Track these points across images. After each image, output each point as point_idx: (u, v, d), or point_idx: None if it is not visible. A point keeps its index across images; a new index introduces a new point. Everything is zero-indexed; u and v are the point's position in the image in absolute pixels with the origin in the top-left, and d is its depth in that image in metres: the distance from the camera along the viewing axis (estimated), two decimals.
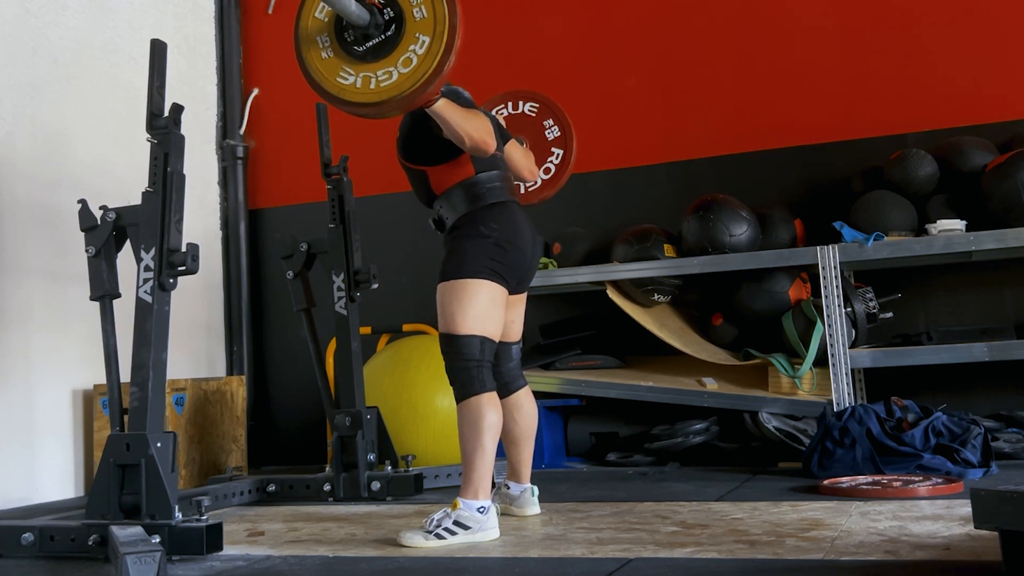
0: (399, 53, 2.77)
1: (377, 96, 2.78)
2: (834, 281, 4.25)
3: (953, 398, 4.36)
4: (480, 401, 2.94)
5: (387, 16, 2.79)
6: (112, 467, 2.87)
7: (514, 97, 3.87)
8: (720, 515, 3.05)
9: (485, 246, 3.05)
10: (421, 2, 2.76)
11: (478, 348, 2.98)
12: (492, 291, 3.04)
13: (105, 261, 3.10)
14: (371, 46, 2.80)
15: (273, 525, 3.38)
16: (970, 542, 2.41)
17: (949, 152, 4.42)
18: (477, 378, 2.96)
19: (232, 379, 5.01)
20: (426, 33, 2.75)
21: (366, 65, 2.80)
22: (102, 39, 5.04)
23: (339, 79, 2.83)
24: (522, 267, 3.15)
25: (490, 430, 2.93)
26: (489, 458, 2.93)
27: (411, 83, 2.74)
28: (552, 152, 3.82)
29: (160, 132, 3.02)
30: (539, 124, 3.83)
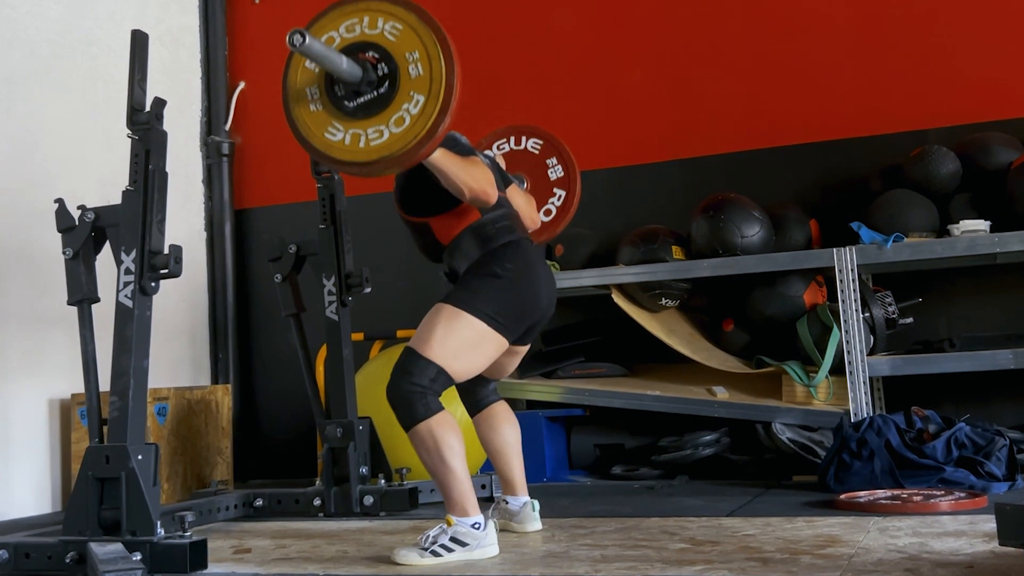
0: (392, 111, 2.73)
1: (366, 156, 2.74)
2: (851, 285, 4.25)
3: (977, 408, 4.36)
4: (429, 427, 2.88)
5: (381, 72, 2.75)
6: (91, 481, 2.87)
7: (517, 132, 3.86)
8: (731, 531, 3.05)
9: (496, 287, 3.01)
10: (418, 59, 2.73)
11: (430, 377, 2.90)
12: (484, 336, 2.98)
13: (83, 264, 3.10)
14: (362, 102, 2.76)
15: (260, 542, 3.37)
16: (994, 560, 2.41)
17: (972, 149, 4.43)
18: (420, 403, 2.88)
19: (217, 388, 5.01)
20: (421, 92, 2.72)
21: (356, 122, 2.76)
22: (81, 30, 5.05)
23: (327, 134, 2.79)
24: (533, 314, 3.11)
25: (451, 451, 2.88)
26: (462, 477, 2.89)
27: (402, 144, 2.71)
28: (554, 193, 3.80)
29: (141, 128, 3.02)
30: (542, 162, 3.82)
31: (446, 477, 2.89)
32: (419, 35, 2.75)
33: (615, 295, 4.70)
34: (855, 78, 4.91)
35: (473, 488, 2.93)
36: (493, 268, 3.03)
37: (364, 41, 2.79)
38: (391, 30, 2.77)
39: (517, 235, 3.14)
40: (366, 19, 2.81)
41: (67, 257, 3.10)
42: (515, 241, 3.12)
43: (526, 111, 5.42)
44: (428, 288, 3.12)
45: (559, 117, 5.37)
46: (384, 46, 2.77)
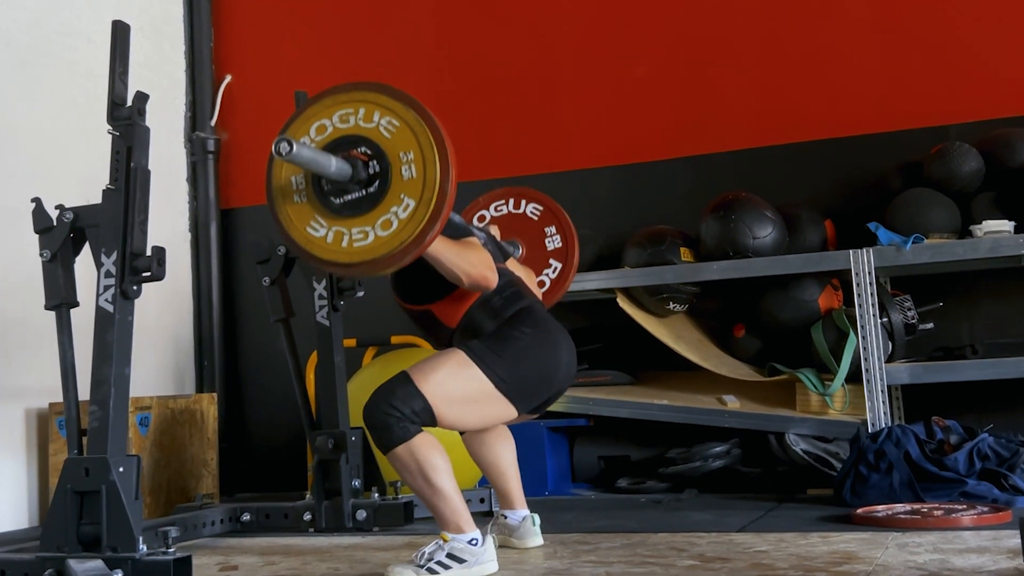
0: (379, 213, 2.70)
1: (348, 257, 2.72)
2: (868, 288, 4.25)
3: (1000, 418, 4.36)
4: (409, 449, 2.85)
5: (372, 170, 2.72)
6: (69, 494, 2.86)
7: (517, 195, 3.84)
8: (742, 547, 3.05)
9: (516, 351, 2.98)
10: (412, 160, 2.69)
11: (413, 408, 2.86)
12: (489, 396, 2.95)
13: (61, 266, 3.10)
14: (349, 200, 2.73)
15: (248, 559, 3.38)
16: None
17: (996, 145, 4.43)
18: (397, 427, 2.84)
19: (202, 397, 5.01)
20: (412, 196, 2.67)
21: (341, 220, 2.73)
22: (58, 20, 5.05)
23: (309, 229, 2.76)
24: (552, 385, 3.08)
25: (435, 471, 2.86)
26: (450, 495, 2.88)
27: (387, 250, 2.67)
28: (550, 264, 3.79)
29: (122, 123, 3.02)
30: (540, 230, 3.81)
31: (433, 498, 2.88)
32: (416, 134, 2.70)
33: (620, 299, 4.71)
34: (872, 71, 4.91)
35: (465, 504, 2.92)
36: (511, 332, 3.01)
37: (357, 135, 2.76)
38: (387, 126, 2.74)
39: (528, 300, 3.13)
40: (362, 110, 2.77)
41: (44, 259, 3.10)
42: (527, 307, 3.11)
43: (530, 106, 5.44)
44: None
45: (563, 112, 5.38)
46: (378, 143, 2.73)
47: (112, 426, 2.88)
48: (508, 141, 5.45)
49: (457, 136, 2.81)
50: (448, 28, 5.66)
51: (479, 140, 5.38)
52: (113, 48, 3.07)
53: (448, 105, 5.47)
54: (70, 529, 2.85)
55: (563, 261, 3.80)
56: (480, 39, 5.58)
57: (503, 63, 5.51)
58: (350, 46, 5.80)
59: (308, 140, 2.80)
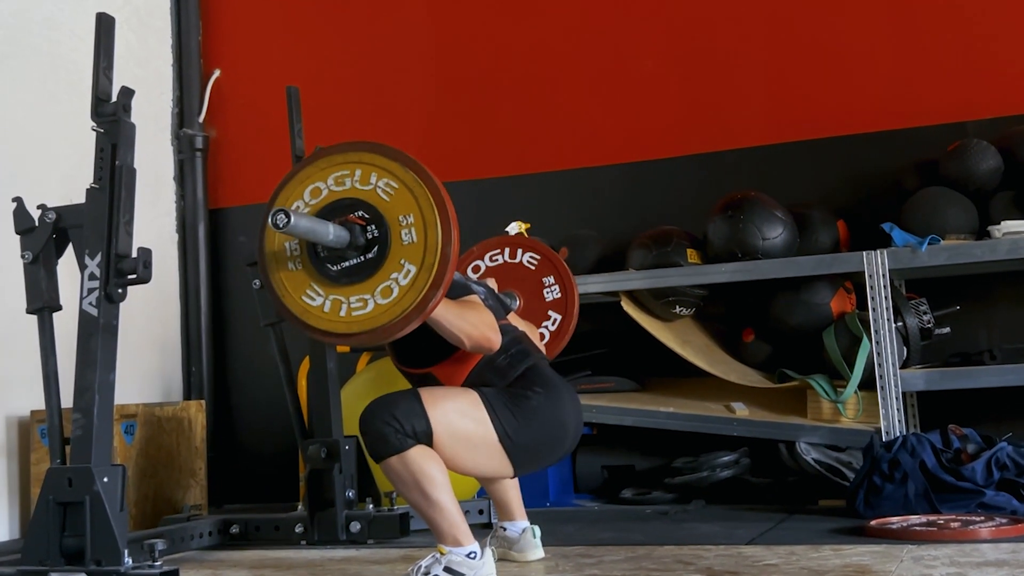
0: (379, 280, 2.69)
1: (347, 327, 2.71)
2: (883, 291, 4.25)
3: (1020, 426, 4.36)
4: (403, 460, 2.82)
5: (370, 235, 2.71)
6: (52, 505, 2.87)
7: (514, 245, 3.80)
8: (752, 561, 3.05)
9: (526, 411, 2.95)
10: (412, 223, 2.68)
11: (415, 428, 2.83)
12: (489, 447, 2.92)
13: (43, 268, 3.10)
14: (347, 267, 2.73)
15: (237, 573, 3.38)
16: None
17: (1015, 143, 4.43)
18: (393, 438, 2.81)
19: (190, 404, 5.01)
20: (413, 262, 2.66)
21: (338, 288, 2.73)
22: (41, 13, 5.06)
23: (305, 298, 2.75)
24: (555, 452, 3.07)
25: (431, 484, 2.83)
26: (447, 507, 2.85)
27: (388, 318, 2.66)
28: (549, 316, 3.76)
29: (107, 120, 3.03)
30: (537, 280, 3.76)
31: (429, 511, 2.85)
32: (415, 196, 2.69)
33: (625, 302, 4.71)
34: (887, 65, 4.92)
35: (463, 516, 2.91)
36: (522, 391, 2.98)
37: (354, 198, 2.75)
38: (385, 188, 2.73)
39: (534, 358, 3.10)
40: (358, 172, 2.76)
41: (26, 261, 3.10)
42: (534, 366, 3.08)
43: (531, 102, 5.44)
44: None
45: (565, 108, 5.39)
46: (376, 206, 2.72)
47: (96, 435, 2.88)
48: (509, 138, 5.45)
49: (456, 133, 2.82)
50: (445, 20, 5.67)
51: (479, 137, 5.38)
52: (97, 41, 3.08)
53: (446, 101, 5.49)
54: (52, 541, 2.85)
55: (562, 313, 3.75)
56: (479, 32, 5.59)
57: (503, 57, 5.52)
58: (342, 39, 5.80)
59: (303, 204, 2.79)
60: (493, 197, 5.25)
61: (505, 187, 5.29)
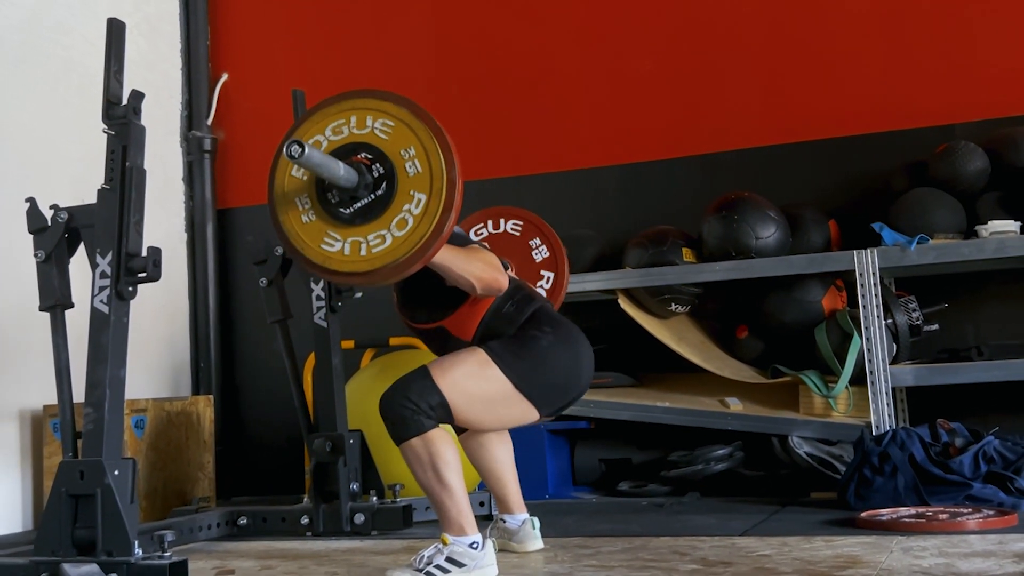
0: (392, 214, 2.70)
1: (369, 264, 2.71)
2: (873, 289, 4.25)
3: (1006, 420, 4.35)
4: (424, 441, 2.86)
5: (376, 173, 2.73)
6: (64, 497, 2.87)
7: (495, 215, 3.79)
8: (745, 551, 3.05)
9: (539, 352, 2.98)
10: (414, 155, 2.70)
11: (430, 404, 2.86)
12: (508, 398, 2.95)
13: (56, 267, 3.10)
14: (360, 207, 2.73)
15: (244, 563, 3.38)
16: None
17: (1001, 145, 4.43)
18: (412, 420, 2.85)
19: (198, 399, 5.01)
20: (422, 190, 2.69)
21: (355, 229, 2.73)
22: (53, 18, 5.06)
23: (324, 246, 2.75)
24: (576, 386, 3.08)
25: (447, 467, 2.86)
26: (458, 493, 2.89)
27: (408, 247, 2.67)
28: (541, 276, 3.76)
29: (118, 122, 3.02)
30: (525, 244, 3.76)
31: (441, 494, 2.88)
32: (413, 130, 2.72)
33: (621, 300, 4.71)
34: (877, 69, 4.91)
35: (471, 505, 2.93)
36: (532, 333, 3.00)
37: (354, 142, 2.76)
38: (382, 128, 2.75)
39: (539, 301, 3.12)
40: (353, 118, 2.78)
41: (39, 260, 3.10)
42: (541, 308, 3.10)
43: (530, 104, 5.44)
44: None
45: (564, 111, 5.38)
46: (377, 145, 2.74)
47: (107, 429, 2.88)
48: (508, 140, 5.45)
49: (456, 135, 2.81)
50: (447, 25, 5.66)
51: (479, 139, 5.38)
52: (108, 46, 3.08)
53: (447, 103, 5.47)
54: (65, 533, 2.85)
55: (554, 269, 3.76)
56: (479, 36, 5.58)
57: (503, 61, 5.51)
58: (348, 44, 5.80)
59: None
60: (494, 197, 5.22)
61: (506, 188, 5.28)
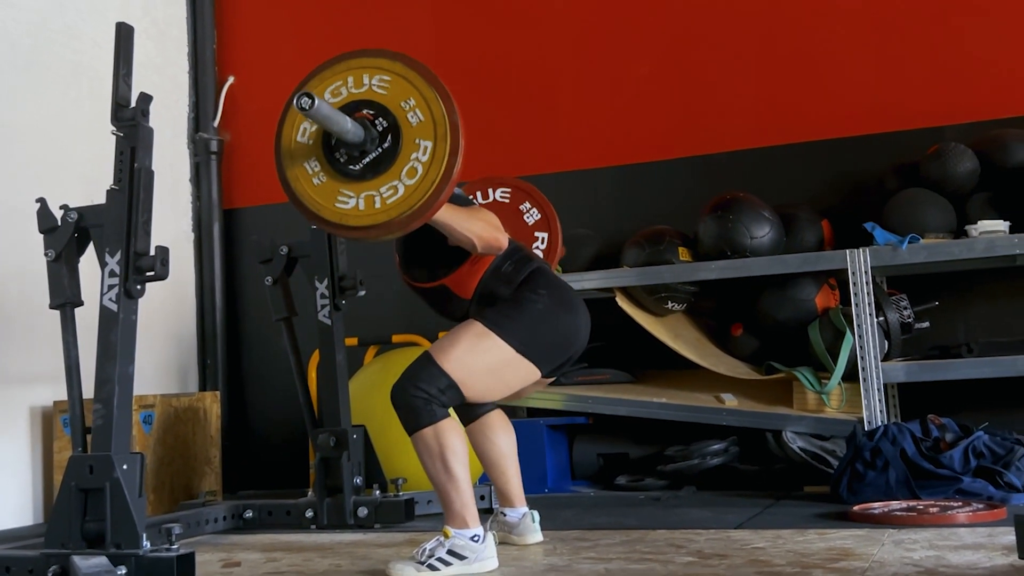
0: (401, 164, 2.73)
1: (385, 215, 2.73)
2: (865, 288, 4.25)
3: (996, 416, 4.35)
4: (435, 431, 2.90)
5: (380, 127, 2.75)
6: (74, 491, 2.87)
7: (483, 186, 3.81)
8: (740, 544, 3.05)
9: (534, 313, 3.01)
10: (415, 106, 2.74)
11: (439, 387, 2.90)
12: (510, 362, 2.99)
13: (66, 266, 3.10)
14: (369, 162, 2.75)
15: (250, 555, 3.38)
16: (1014, 574, 2.41)
17: (991, 146, 4.43)
18: (424, 410, 2.90)
19: (205, 395, 5.01)
20: (427, 138, 2.72)
21: (367, 183, 2.75)
22: (63, 22, 5.05)
23: (338, 204, 2.77)
24: (574, 343, 3.12)
25: (455, 457, 2.90)
26: (464, 485, 2.91)
27: (421, 194, 2.70)
28: (536, 237, 3.77)
29: (126, 124, 3.02)
30: (515, 210, 3.77)
31: (447, 485, 2.90)
32: (410, 81, 2.76)
33: (619, 298, 4.71)
34: (869, 72, 4.91)
35: (474, 499, 2.94)
36: (528, 294, 3.03)
37: (354, 101, 2.78)
38: (379, 84, 2.78)
39: (537, 262, 3.15)
40: (350, 79, 2.81)
41: (49, 259, 3.10)
42: (539, 268, 3.13)
43: (529, 107, 5.43)
44: None
45: (563, 113, 5.38)
46: (377, 100, 2.77)
47: (116, 424, 2.88)
48: (508, 141, 5.44)
49: None
50: (448, 29, 5.66)
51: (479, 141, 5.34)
52: (117, 50, 3.08)
53: None
54: (74, 526, 2.85)
55: (547, 230, 3.78)
56: (480, 41, 5.58)
57: (503, 64, 5.51)
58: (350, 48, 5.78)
59: (308, 126, 2.84)
60: None
61: None
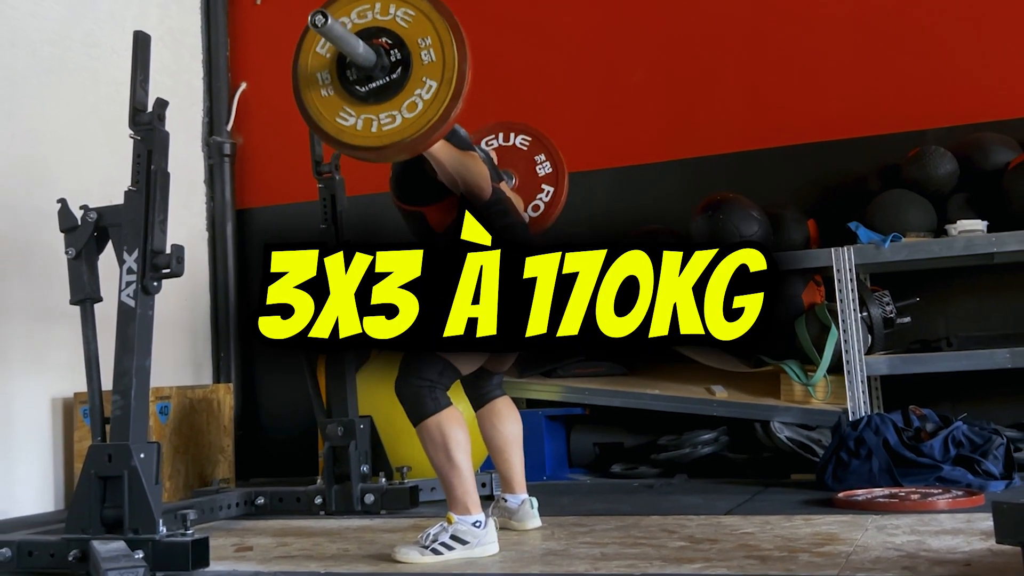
0: (404, 96, 2.74)
1: (378, 140, 2.75)
2: (849, 284, 4.25)
3: (974, 407, 4.35)
4: (438, 421, 2.92)
5: (394, 58, 2.77)
6: (93, 479, 2.87)
7: (506, 128, 3.84)
8: (730, 529, 3.05)
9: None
10: (430, 45, 2.75)
11: (437, 371, 2.94)
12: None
13: (86, 263, 3.10)
14: (375, 87, 2.77)
15: (262, 540, 3.38)
16: (991, 558, 2.41)
17: (970, 149, 4.43)
18: (428, 398, 2.92)
19: (219, 387, 5.01)
20: (434, 78, 2.73)
21: (368, 107, 2.78)
22: (82, 31, 5.05)
23: (339, 119, 2.80)
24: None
25: (458, 447, 2.91)
26: (466, 474, 2.92)
27: (415, 129, 2.72)
28: (542, 189, 3.79)
29: (143, 128, 3.02)
30: (530, 159, 3.80)
31: (450, 473, 2.90)
32: (431, 21, 2.77)
33: None
34: (853, 79, 4.91)
35: (476, 486, 2.94)
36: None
37: (376, 27, 2.79)
38: (403, 16, 2.79)
39: (512, 219, 3.15)
40: (378, 5, 2.82)
41: (70, 257, 3.10)
42: (511, 225, 3.13)
43: (526, 111, 5.42)
44: None
45: (560, 117, 5.36)
46: (397, 32, 2.78)
47: (133, 414, 2.88)
48: None
49: None
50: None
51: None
52: (134, 57, 3.08)
53: None
54: (94, 512, 2.85)
55: (554, 185, 3.80)
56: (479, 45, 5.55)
57: (502, 70, 5.50)
58: None
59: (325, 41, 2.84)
60: None
61: None
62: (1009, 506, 1.99)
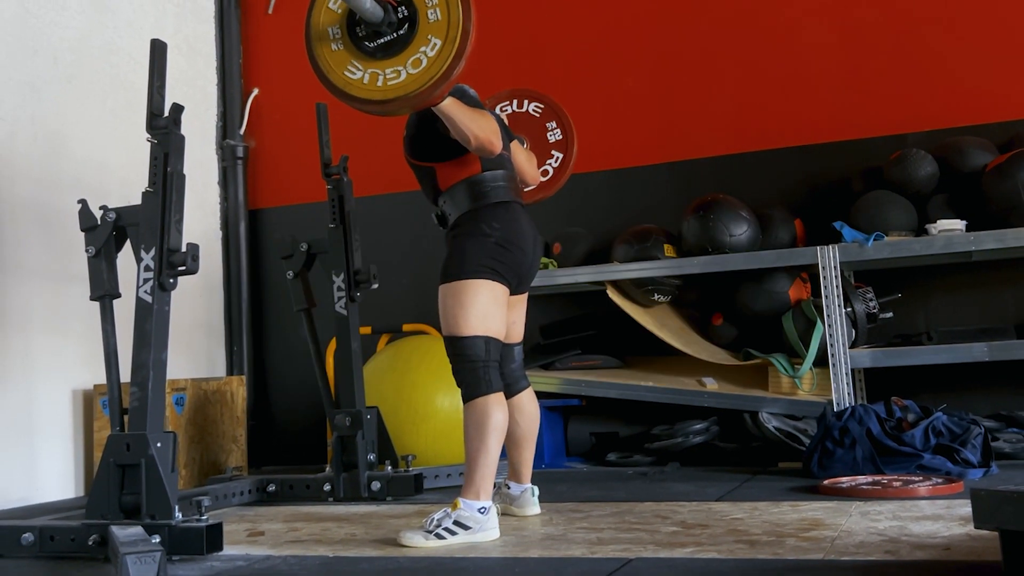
0: (409, 53, 2.75)
1: (383, 94, 2.76)
2: (834, 281, 4.25)
3: (953, 398, 4.36)
4: (487, 402, 2.94)
5: (401, 15, 2.77)
6: (112, 467, 2.87)
7: (520, 95, 3.85)
8: (720, 515, 3.05)
9: (486, 245, 3.03)
10: (436, 4, 2.74)
11: (483, 348, 2.97)
12: (493, 290, 3.03)
13: (105, 261, 3.10)
14: (382, 43, 2.78)
15: (273, 525, 3.38)
16: (970, 542, 2.41)
17: (949, 152, 4.42)
18: (483, 379, 2.95)
19: (232, 379, 5.01)
20: (438, 36, 2.72)
21: (375, 62, 2.78)
22: (102, 39, 5.04)
23: (347, 73, 2.81)
24: (523, 267, 3.14)
25: (495, 431, 2.93)
26: (492, 459, 2.92)
27: (418, 85, 2.72)
28: (552, 155, 3.80)
29: (160, 132, 3.02)
30: (542, 125, 3.81)
31: (478, 454, 2.91)
32: None
33: (610, 291, 4.70)
34: (838, 84, 4.90)
35: (494, 474, 2.94)
36: (480, 226, 3.06)
37: None
38: None
39: (510, 197, 3.15)
40: None
41: (90, 255, 3.10)
42: (506, 203, 3.13)
43: None
44: (432, 285, 3.11)
45: None
46: None
47: (151, 405, 2.88)
48: None
49: None
50: None
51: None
52: (152, 64, 3.07)
53: None
54: (113, 499, 2.85)
55: (564, 151, 3.80)
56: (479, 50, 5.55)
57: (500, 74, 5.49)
58: None
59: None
60: None
61: None
62: (987, 493, 1.99)
